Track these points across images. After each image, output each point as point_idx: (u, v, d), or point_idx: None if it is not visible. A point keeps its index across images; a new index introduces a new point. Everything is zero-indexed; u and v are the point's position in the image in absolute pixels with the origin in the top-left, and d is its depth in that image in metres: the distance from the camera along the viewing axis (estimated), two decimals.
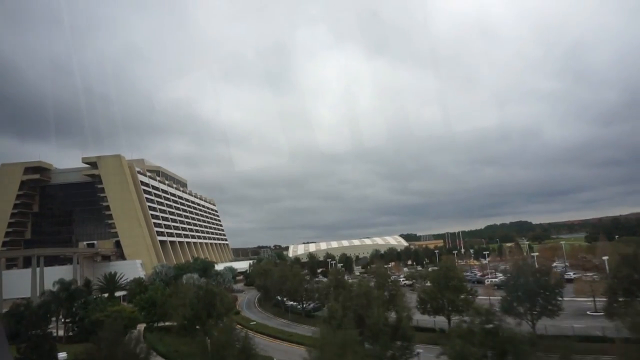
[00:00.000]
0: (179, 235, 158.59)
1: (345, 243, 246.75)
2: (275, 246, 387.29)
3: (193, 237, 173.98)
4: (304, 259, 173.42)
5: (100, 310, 57.01)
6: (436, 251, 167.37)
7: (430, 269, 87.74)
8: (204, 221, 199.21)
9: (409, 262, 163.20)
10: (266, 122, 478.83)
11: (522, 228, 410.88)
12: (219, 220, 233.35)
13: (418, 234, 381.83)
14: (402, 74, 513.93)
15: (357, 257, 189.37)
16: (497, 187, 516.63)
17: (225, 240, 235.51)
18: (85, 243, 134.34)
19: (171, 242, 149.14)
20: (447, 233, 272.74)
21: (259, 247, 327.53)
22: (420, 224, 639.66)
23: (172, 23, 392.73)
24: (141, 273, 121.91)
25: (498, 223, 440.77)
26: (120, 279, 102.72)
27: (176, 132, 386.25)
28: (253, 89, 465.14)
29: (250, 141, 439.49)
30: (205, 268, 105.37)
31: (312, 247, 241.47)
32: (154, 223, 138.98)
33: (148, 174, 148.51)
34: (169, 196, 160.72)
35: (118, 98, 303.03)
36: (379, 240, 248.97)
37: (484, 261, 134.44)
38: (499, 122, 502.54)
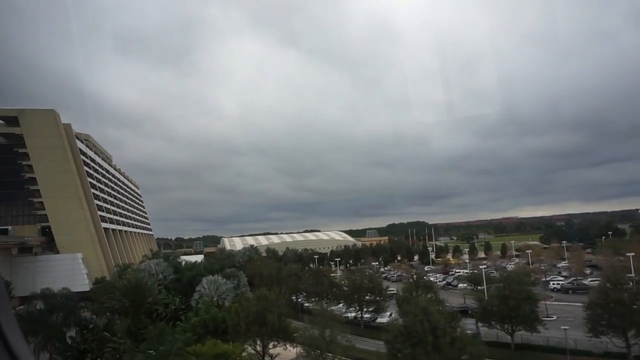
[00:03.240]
0: (117, 222, 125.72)
1: (287, 238, 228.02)
2: (176, 239, 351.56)
3: (125, 224, 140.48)
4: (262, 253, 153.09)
5: None
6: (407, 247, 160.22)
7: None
8: (133, 206, 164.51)
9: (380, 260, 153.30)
10: (163, 106, 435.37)
11: (421, 227, 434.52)
12: (144, 207, 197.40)
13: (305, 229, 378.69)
14: (310, 69, 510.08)
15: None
16: (386, 189, 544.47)
17: (151, 230, 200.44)
18: None
19: (111, 230, 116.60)
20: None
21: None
22: (312, 220, 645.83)
23: None
24: (83, 272, 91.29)
25: (397, 222, 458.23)
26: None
27: (58, 107, 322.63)
28: (152, 68, 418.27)
29: (144, 125, 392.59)
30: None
31: (251, 242, 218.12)
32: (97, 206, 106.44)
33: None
34: (104, 173, 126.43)
35: None
36: (322, 236, 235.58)
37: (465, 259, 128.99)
38: (394, 127, 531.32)
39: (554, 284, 77.37)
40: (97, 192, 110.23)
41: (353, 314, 62.78)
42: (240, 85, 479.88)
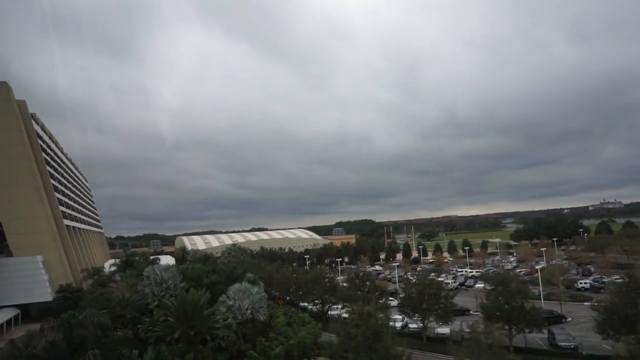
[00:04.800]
0: (76, 219, 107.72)
1: (251, 237, 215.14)
2: (117, 237, 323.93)
3: (82, 221, 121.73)
4: (217, 253, 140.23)
5: None
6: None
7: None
8: (85, 201, 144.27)
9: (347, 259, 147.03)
10: (99, 95, 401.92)
11: (367, 225, 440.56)
12: (94, 202, 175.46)
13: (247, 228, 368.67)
14: (257, 64, 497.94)
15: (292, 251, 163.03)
16: (329, 187, 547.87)
17: (102, 228, 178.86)
18: None
19: (72, 228, 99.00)
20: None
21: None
22: (254, 219, 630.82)
23: None
24: (44, 279, 75.53)
25: (344, 220, 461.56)
26: None
27: None
28: (87, 54, 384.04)
29: (76, 116, 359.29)
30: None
31: (213, 241, 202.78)
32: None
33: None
34: (60, 162, 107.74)
35: None
36: (288, 235, 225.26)
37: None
38: (339, 125, 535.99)
39: (581, 283, 74.71)
40: (56, 184, 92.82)
41: (400, 324, 55.28)
42: (184, 77, 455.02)
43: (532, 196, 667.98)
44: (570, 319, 56.51)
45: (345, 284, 65.07)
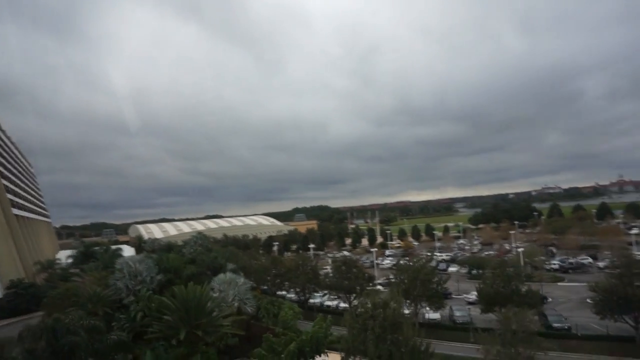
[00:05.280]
0: (24, 208, 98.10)
1: (210, 224, 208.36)
2: (62, 227, 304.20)
3: (30, 210, 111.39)
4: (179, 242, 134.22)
5: None
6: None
7: None
8: (31, 188, 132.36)
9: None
10: (39, 76, 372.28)
11: (324, 211, 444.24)
12: (40, 189, 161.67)
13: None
14: (210, 46, 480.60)
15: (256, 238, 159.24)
16: (283, 174, 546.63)
17: (49, 217, 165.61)
18: None
19: (21, 217, 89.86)
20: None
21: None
22: (207, 205, 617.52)
23: None
24: None
25: (299, 207, 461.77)
26: None
27: None
28: (25, 31, 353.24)
29: (13, 98, 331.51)
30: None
31: (171, 229, 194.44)
32: None
33: None
34: (2, 144, 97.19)
35: None
36: (248, 221, 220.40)
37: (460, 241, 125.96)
38: (294, 111, 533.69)
39: (551, 264, 77.74)
40: (2, 170, 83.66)
41: None
42: (132, 58, 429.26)
43: (479, 182, 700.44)
44: (550, 299, 58.26)
45: (329, 271, 63.44)
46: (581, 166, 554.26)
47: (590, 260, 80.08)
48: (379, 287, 62.06)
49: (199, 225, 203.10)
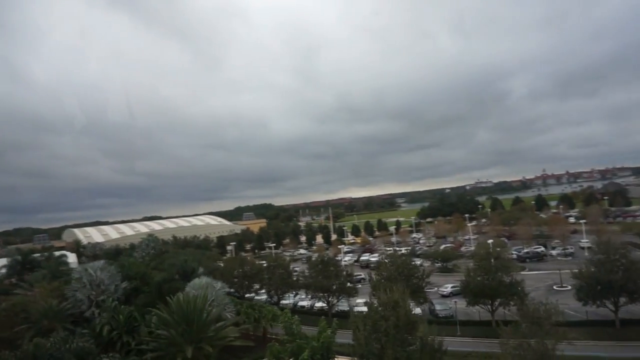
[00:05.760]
0: None
1: (155, 226, 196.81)
2: None
3: None
4: (124, 245, 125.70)
5: None
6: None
7: None
8: None
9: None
10: None
11: (267, 209, 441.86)
12: None
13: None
14: (144, 39, 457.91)
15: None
16: (223, 172, 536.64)
17: None
18: None
19: None
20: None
21: None
22: (144, 207, 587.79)
23: None
24: None
25: (242, 205, 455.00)
26: None
27: None
28: None
29: None
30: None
31: (112, 232, 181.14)
32: None
33: None
34: None
35: None
36: (196, 222, 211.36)
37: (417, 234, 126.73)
38: (233, 108, 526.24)
39: (510, 253, 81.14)
40: None
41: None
42: (58, 50, 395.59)
43: (416, 177, 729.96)
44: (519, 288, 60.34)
45: (305, 271, 61.44)
46: (509, 161, 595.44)
47: (543, 249, 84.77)
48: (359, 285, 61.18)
49: (142, 227, 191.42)
